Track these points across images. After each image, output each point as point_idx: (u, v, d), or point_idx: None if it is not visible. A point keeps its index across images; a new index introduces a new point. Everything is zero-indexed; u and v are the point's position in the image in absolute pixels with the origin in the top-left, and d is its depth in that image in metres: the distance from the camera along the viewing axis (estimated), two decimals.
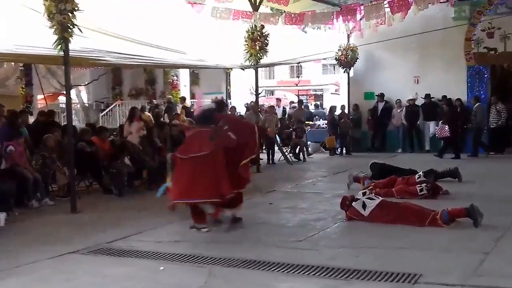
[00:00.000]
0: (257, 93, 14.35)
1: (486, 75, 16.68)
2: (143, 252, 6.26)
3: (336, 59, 17.99)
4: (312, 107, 29.19)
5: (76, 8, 8.51)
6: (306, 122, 18.51)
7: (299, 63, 19.88)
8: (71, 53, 8.88)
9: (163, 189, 7.47)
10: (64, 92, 11.31)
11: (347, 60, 17.68)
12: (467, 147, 15.96)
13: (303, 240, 6.62)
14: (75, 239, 6.88)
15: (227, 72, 21.20)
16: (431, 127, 16.76)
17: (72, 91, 14.11)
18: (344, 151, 17.68)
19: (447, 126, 15.28)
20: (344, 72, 18.52)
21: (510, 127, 16.09)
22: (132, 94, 22.87)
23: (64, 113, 16.09)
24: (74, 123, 12.53)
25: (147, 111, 17.53)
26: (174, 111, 18.22)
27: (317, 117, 21.32)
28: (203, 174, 7.03)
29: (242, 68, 15.60)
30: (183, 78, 22.85)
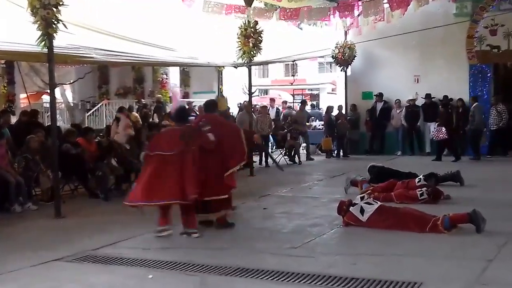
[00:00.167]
0: (250, 92, 14.36)
1: (489, 74, 16.75)
2: (130, 259, 6.23)
3: (333, 57, 18.03)
4: (308, 107, 29.19)
5: (60, 3, 8.50)
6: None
7: (294, 61, 19.87)
8: (55, 50, 8.86)
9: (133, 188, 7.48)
10: (48, 91, 11.30)
11: (344, 58, 17.73)
12: (468, 150, 16.03)
13: (299, 247, 6.62)
14: (59, 246, 6.85)
15: (219, 71, 21.21)
16: (432, 128, 16.81)
17: (57, 90, 14.06)
18: (341, 153, 17.73)
19: (443, 128, 15.34)
20: (341, 70, 18.60)
21: None
22: (119, 93, 22.83)
23: (48, 113, 16.09)
24: (58, 123, 12.45)
25: (135, 111, 17.53)
26: (164, 111, 18.22)
27: (313, 118, 21.33)
28: (166, 174, 7.00)
29: (235, 66, 15.57)
30: (173, 77, 22.84)
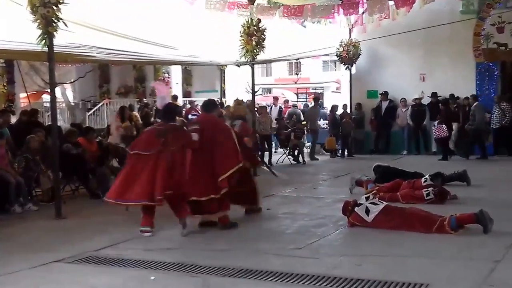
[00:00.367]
0: (253, 91, 14.34)
1: (496, 72, 16.73)
2: (132, 260, 6.23)
3: (337, 55, 18.01)
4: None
5: (61, 1, 8.52)
6: (304, 123, 18.47)
7: (298, 59, 19.86)
8: (55, 48, 8.88)
9: None
10: (49, 90, 11.30)
11: (349, 56, 17.72)
12: (476, 149, 16.03)
13: (303, 248, 6.61)
14: (60, 247, 6.86)
15: (221, 69, 21.20)
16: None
17: (57, 89, 14.05)
18: (346, 153, 17.71)
19: (444, 125, 15.34)
20: (345, 69, 18.56)
21: None
22: (120, 92, 22.83)
23: (49, 112, 16.08)
24: (59, 123, 12.46)
25: (136, 110, 17.52)
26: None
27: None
28: (140, 174, 7.15)
29: (238, 65, 15.59)
30: (175, 76, 22.83)
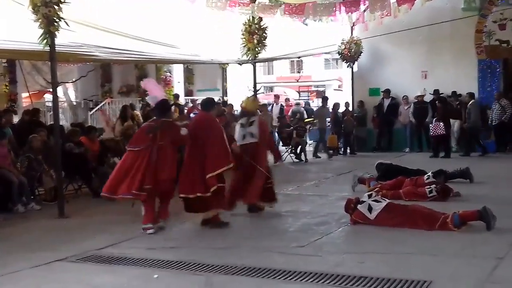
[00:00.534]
0: (255, 89, 14.35)
1: (498, 69, 16.67)
2: (135, 259, 6.24)
3: (339, 53, 17.98)
4: (316, 104, 29.24)
5: (62, 0, 8.52)
6: (306, 120, 18.46)
7: (300, 57, 19.92)
8: (57, 48, 8.89)
9: None
10: (51, 89, 11.31)
11: (350, 54, 17.68)
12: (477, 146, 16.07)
13: (306, 246, 6.62)
14: (63, 246, 6.87)
15: (223, 68, 21.18)
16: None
17: (59, 89, 14.07)
18: (348, 150, 17.70)
19: (441, 123, 15.36)
20: (347, 67, 18.54)
21: None
22: (122, 91, 22.82)
23: (51, 112, 16.09)
24: (61, 122, 12.49)
25: (138, 109, 17.51)
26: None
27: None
28: (129, 169, 7.45)
29: (239, 63, 15.59)
30: (177, 74, 22.84)
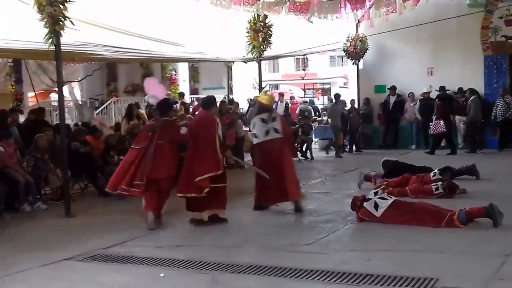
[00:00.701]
0: (260, 87, 14.35)
1: (505, 66, 16.60)
2: (142, 258, 6.27)
3: (345, 50, 17.94)
4: (321, 101, 29.13)
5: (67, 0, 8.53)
6: (314, 118, 18.44)
7: (305, 55, 19.78)
8: (63, 47, 8.90)
9: None
10: (56, 89, 11.34)
11: (356, 51, 17.64)
12: (487, 142, 16.11)
13: (312, 244, 6.62)
14: (69, 245, 6.90)
15: (228, 66, 21.16)
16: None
17: (65, 88, 14.13)
18: (354, 148, 17.67)
19: (442, 121, 15.33)
20: (353, 64, 18.49)
21: None
22: (128, 90, 22.83)
23: (57, 111, 16.12)
24: (67, 121, 12.52)
25: (143, 108, 17.52)
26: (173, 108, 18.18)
27: (325, 112, 21.21)
28: (128, 167, 7.70)
29: (245, 61, 15.58)
30: (182, 73, 22.84)
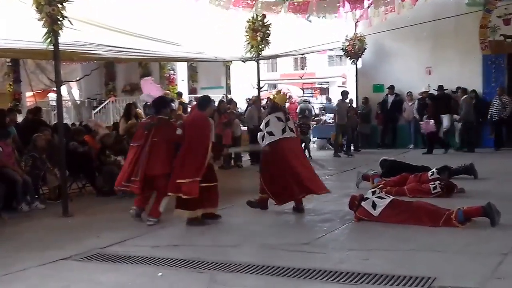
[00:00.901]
0: (259, 87, 14.34)
1: (503, 65, 16.64)
2: (140, 257, 6.26)
3: (343, 49, 17.96)
4: (319, 100, 29.15)
5: None
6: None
7: (304, 54, 19.83)
8: (61, 47, 8.89)
9: None
10: (54, 88, 11.33)
11: (354, 50, 17.65)
12: (483, 142, 16.18)
13: (310, 243, 6.62)
14: (67, 245, 6.89)
15: (227, 65, 21.20)
16: (445, 121, 16.71)
17: (63, 88, 14.12)
18: (352, 147, 17.67)
19: (432, 120, 15.38)
20: (351, 63, 18.51)
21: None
22: (126, 90, 22.81)
23: (55, 111, 16.13)
24: (65, 121, 12.52)
25: (141, 108, 17.53)
26: (171, 107, 18.17)
27: (323, 111, 21.27)
28: (128, 163, 8.01)
29: (243, 61, 15.56)
30: (181, 72, 22.84)
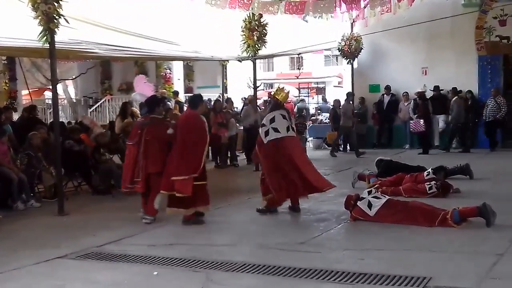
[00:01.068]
0: (255, 86, 14.33)
1: (499, 66, 16.67)
2: (135, 256, 6.26)
3: (339, 49, 17.96)
4: (315, 100, 29.14)
5: None
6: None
7: (300, 54, 19.77)
8: (57, 45, 8.87)
9: None
10: (50, 87, 11.30)
11: (350, 50, 17.65)
12: (479, 142, 16.22)
13: (306, 243, 6.63)
14: (63, 243, 6.88)
15: (223, 65, 21.14)
16: (441, 121, 16.79)
17: (59, 86, 14.03)
18: (348, 147, 17.69)
19: (422, 120, 15.42)
20: (347, 63, 18.53)
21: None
22: (122, 88, 22.81)
23: (51, 109, 16.09)
24: (61, 119, 12.51)
25: (136, 107, 17.49)
26: (167, 106, 18.16)
27: (319, 111, 21.28)
28: (129, 163, 8.16)
29: (239, 60, 15.54)
30: (177, 71, 22.82)
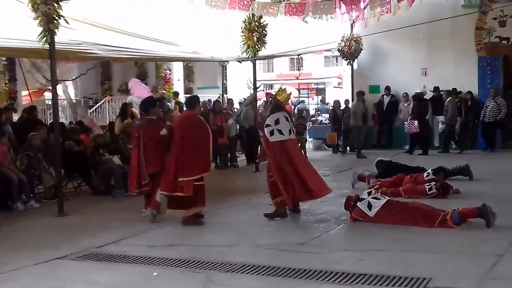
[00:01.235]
0: (255, 87, 14.34)
1: (498, 67, 16.67)
2: (135, 257, 6.26)
3: (339, 50, 17.96)
4: (315, 101, 29.14)
5: None
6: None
7: (300, 55, 19.79)
8: (57, 46, 8.88)
9: None
10: (50, 87, 11.31)
11: (350, 51, 17.65)
12: (478, 143, 16.24)
13: (305, 243, 6.63)
14: (62, 244, 6.88)
15: (223, 65, 21.16)
16: (441, 122, 16.77)
17: (59, 87, 14.07)
18: (348, 148, 17.68)
19: (416, 121, 15.44)
20: (347, 64, 18.52)
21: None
22: (122, 89, 22.77)
23: (50, 110, 16.09)
24: (60, 120, 12.51)
25: (136, 108, 17.49)
26: (167, 107, 18.17)
27: (319, 112, 21.28)
28: (134, 168, 8.22)
29: (239, 61, 15.55)
30: (177, 72, 22.82)
